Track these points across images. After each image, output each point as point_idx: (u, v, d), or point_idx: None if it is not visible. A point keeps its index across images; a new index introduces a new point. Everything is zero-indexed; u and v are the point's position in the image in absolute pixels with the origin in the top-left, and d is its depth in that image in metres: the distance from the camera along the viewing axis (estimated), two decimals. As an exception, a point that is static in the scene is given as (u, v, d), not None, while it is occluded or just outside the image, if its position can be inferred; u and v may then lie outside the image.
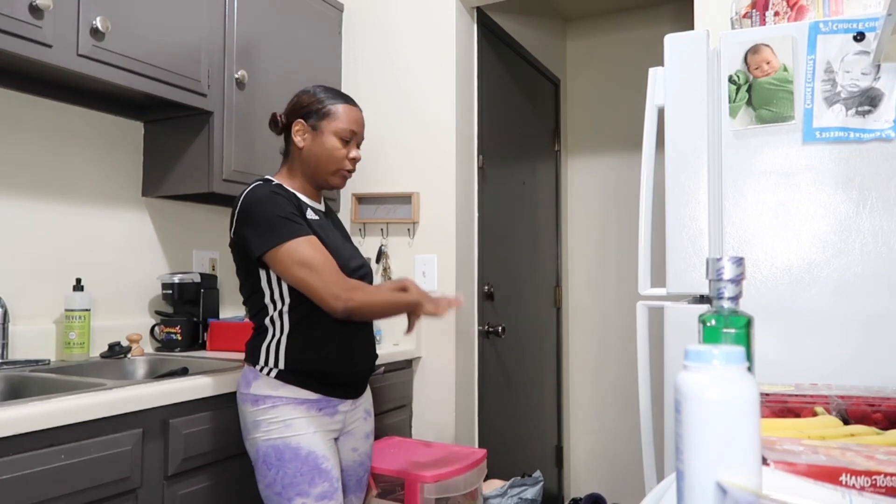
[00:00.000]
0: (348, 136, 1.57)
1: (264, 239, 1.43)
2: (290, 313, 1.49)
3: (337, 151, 1.56)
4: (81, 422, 1.27)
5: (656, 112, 1.52)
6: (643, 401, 1.52)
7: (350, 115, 1.58)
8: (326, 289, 1.41)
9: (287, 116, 1.60)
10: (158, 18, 1.80)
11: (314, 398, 1.49)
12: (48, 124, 1.88)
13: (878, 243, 1.31)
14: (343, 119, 1.56)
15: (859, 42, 1.32)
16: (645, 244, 1.53)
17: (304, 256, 1.41)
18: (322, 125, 1.55)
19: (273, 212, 1.44)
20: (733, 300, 0.78)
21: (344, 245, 1.60)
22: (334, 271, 1.43)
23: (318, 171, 1.57)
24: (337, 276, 1.43)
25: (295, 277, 1.42)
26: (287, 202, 1.47)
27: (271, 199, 1.46)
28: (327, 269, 1.42)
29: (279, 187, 1.52)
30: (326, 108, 1.56)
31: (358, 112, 1.61)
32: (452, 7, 2.45)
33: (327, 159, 1.55)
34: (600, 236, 3.61)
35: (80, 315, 1.83)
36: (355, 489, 1.66)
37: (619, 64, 3.60)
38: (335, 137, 1.55)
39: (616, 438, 3.51)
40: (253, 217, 1.45)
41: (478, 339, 2.57)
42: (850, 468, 0.60)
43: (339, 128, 1.55)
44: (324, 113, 1.56)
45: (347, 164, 1.58)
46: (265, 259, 1.44)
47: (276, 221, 1.43)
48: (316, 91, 1.60)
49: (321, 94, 1.58)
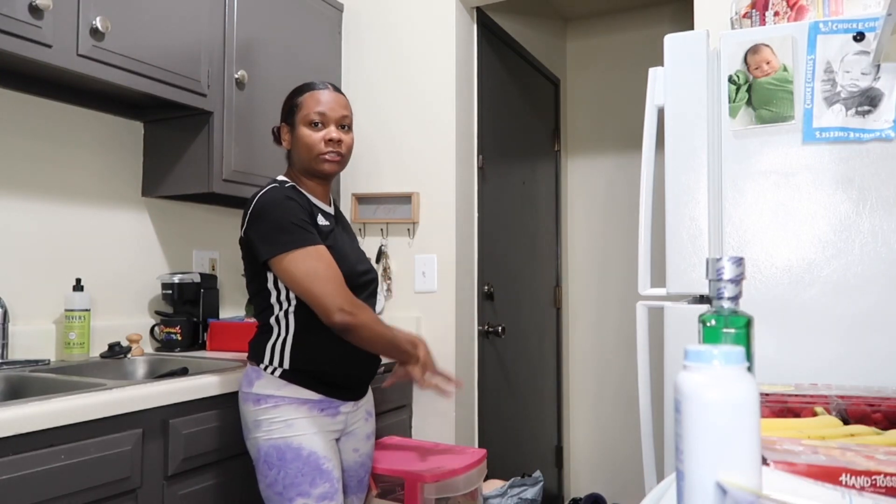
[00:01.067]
0: (317, 118, 1.54)
1: (272, 244, 1.43)
2: (295, 314, 1.49)
3: (309, 138, 1.54)
4: (81, 422, 1.27)
5: (656, 112, 1.52)
6: (643, 401, 1.52)
7: (314, 99, 1.56)
8: (331, 300, 1.40)
9: (278, 126, 1.63)
10: (158, 18, 1.80)
11: (316, 399, 1.49)
12: (48, 124, 1.88)
13: (878, 243, 1.31)
14: (307, 105, 1.55)
15: (859, 42, 1.32)
16: (645, 244, 1.53)
17: (309, 267, 1.41)
18: (295, 120, 1.57)
19: (284, 217, 1.44)
20: (733, 300, 0.78)
21: (352, 250, 1.61)
22: (340, 284, 1.43)
23: (304, 163, 1.57)
24: (342, 290, 1.43)
25: (299, 287, 1.42)
26: (300, 208, 1.47)
27: (284, 203, 1.45)
28: (333, 282, 1.42)
29: (293, 190, 1.52)
30: (293, 102, 1.58)
31: (326, 94, 1.57)
32: (452, 7, 2.45)
33: (305, 149, 1.55)
34: (600, 236, 3.61)
35: (79, 315, 1.83)
36: (356, 490, 1.67)
37: (619, 64, 3.60)
38: (305, 126, 1.55)
39: (616, 438, 3.51)
40: (264, 220, 1.45)
41: (477, 339, 2.57)
42: (850, 468, 0.60)
43: (304, 115, 1.55)
44: (293, 108, 1.57)
45: (322, 146, 1.54)
46: (270, 264, 1.45)
47: (286, 228, 1.43)
48: (291, 91, 1.62)
49: (292, 92, 1.61)
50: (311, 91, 1.57)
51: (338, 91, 1.61)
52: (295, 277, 1.42)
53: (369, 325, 1.45)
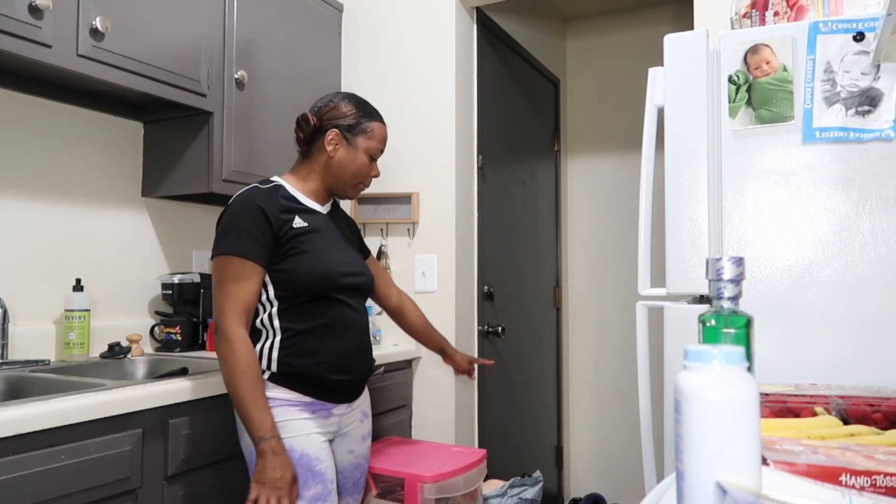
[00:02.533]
0: (377, 154, 1.61)
1: (215, 245, 1.47)
2: (279, 316, 1.49)
3: (365, 168, 1.59)
4: (81, 422, 1.27)
5: (656, 112, 1.52)
6: (643, 401, 1.52)
7: (382, 134, 1.62)
8: (219, 314, 1.42)
9: (321, 121, 1.57)
10: (158, 19, 1.80)
11: (307, 401, 1.49)
12: (48, 124, 1.88)
13: (878, 243, 1.31)
14: (377, 138, 1.60)
15: (859, 42, 1.32)
16: (645, 244, 1.53)
17: (223, 275, 1.43)
18: (358, 140, 1.57)
19: (234, 221, 1.46)
20: (733, 300, 0.78)
21: (338, 251, 1.57)
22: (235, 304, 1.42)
23: (339, 181, 1.58)
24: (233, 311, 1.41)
25: (213, 289, 1.46)
26: (258, 217, 1.45)
27: (244, 208, 1.46)
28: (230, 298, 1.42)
29: (273, 190, 1.51)
30: (364, 124, 1.57)
31: (386, 130, 1.64)
32: (452, 7, 2.45)
33: (353, 174, 1.58)
34: (600, 236, 3.61)
35: (79, 315, 1.83)
36: (352, 491, 1.66)
37: (619, 64, 3.60)
38: (366, 154, 1.58)
39: (616, 438, 3.51)
40: (220, 221, 1.49)
41: (477, 339, 2.57)
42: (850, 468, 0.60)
43: (371, 146, 1.58)
44: (361, 129, 1.57)
45: (369, 180, 1.63)
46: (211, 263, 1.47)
47: (229, 231, 1.45)
48: (354, 102, 1.60)
49: (360, 109, 1.59)
50: (380, 122, 1.62)
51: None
52: (214, 279, 1.46)
53: (226, 360, 1.39)
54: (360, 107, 1.60)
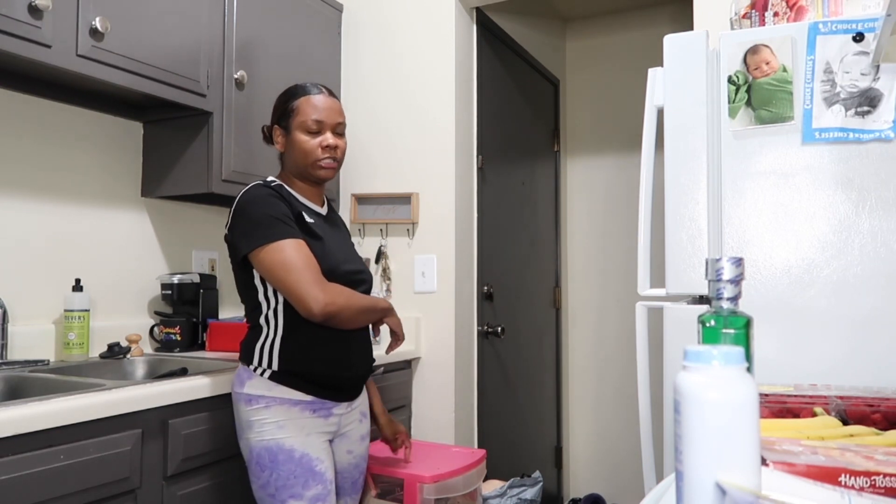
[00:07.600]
0: (314, 126, 1.54)
1: (250, 238, 1.43)
2: (284, 312, 1.48)
3: (306, 144, 1.54)
4: (80, 422, 1.27)
5: (656, 112, 1.52)
6: (642, 401, 1.52)
7: (310, 104, 1.54)
8: (305, 289, 1.39)
9: (269, 126, 1.62)
10: (158, 19, 1.80)
11: (307, 400, 1.48)
12: (47, 125, 1.88)
13: (878, 244, 1.31)
14: (304, 111, 1.54)
15: (859, 42, 1.32)
16: (644, 244, 1.53)
17: (285, 258, 1.40)
18: (291, 124, 1.55)
19: (264, 212, 1.44)
20: (732, 300, 0.78)
21: (340, 249, 1.59)
22: (314, 273, 1.42)
23: (299, 168, 1.56)
24: (316, 279, 1.42)
25: (276, 278, 1.42)
26: (282, 203, 1.47)
27: (265, 199, 1.46)
28: (307, 271, 1.41)
29: (279, 188, 1.52)
30: (289, 105, 1.56)
31: (323, 99, 1.56)
32: (452, 7, 2.45)
33: (302, 155, 1.55)
34: (600, 236, 3.61)
35: (79, 315, 1.83)
36: (350, 491, 1.66)
37: (618, 64, 3.60)
38: (301, 132, 1.54)
39: (616, 438, 3.51)
40: (244, 216, 1.46)
41: (477, 339, 2.57)
42: (850, 469, 0.60)
43: (301, 121, 1.54)
44: (288, 111, 1.56)
45: (319, 152, 1.54)
46: (250, 259, 1.45)
47: (263, 222, 1.43)
48: (282, 93, 1.60)
49: (286, 94, 1.59)
50: (306, 95, 1.56)
51: (332, 95, 1.60)
52: (271, 269, 1.42)
53: (347, 306, 1.46)
54: (286, 93, 1.59)
